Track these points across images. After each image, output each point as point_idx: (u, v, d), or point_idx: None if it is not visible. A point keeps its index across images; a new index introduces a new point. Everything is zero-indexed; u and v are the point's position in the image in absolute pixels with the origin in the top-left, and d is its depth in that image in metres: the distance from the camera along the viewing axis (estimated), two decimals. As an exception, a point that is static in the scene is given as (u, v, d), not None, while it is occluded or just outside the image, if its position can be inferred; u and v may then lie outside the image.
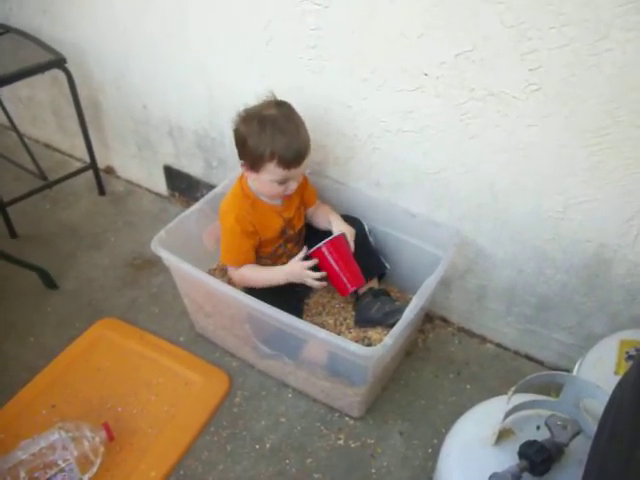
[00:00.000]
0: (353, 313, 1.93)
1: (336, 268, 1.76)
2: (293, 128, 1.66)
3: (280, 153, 1.62)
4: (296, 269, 1.74)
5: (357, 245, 1.83)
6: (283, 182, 1.70)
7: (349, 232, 1.82)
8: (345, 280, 1.77)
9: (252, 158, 1.67)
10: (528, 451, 1.13)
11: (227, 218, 1.77)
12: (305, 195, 1.91)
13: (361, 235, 1.88)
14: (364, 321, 1.86)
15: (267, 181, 1.69)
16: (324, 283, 1.76)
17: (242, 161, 1.72)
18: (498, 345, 1.99)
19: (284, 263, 1.81)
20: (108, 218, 2.50)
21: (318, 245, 1.75)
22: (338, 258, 1.76)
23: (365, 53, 1.64)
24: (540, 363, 1.92)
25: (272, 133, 1.62)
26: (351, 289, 1.79)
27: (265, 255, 1.87)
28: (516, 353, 1.96)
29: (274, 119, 1.64)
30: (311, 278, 1.73)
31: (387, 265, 1.93)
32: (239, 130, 1.69)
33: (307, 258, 1.79)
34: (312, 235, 1.93)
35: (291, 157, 1.64)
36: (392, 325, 1.55)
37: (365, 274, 1.85)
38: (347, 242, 1.80)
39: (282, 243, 1.87)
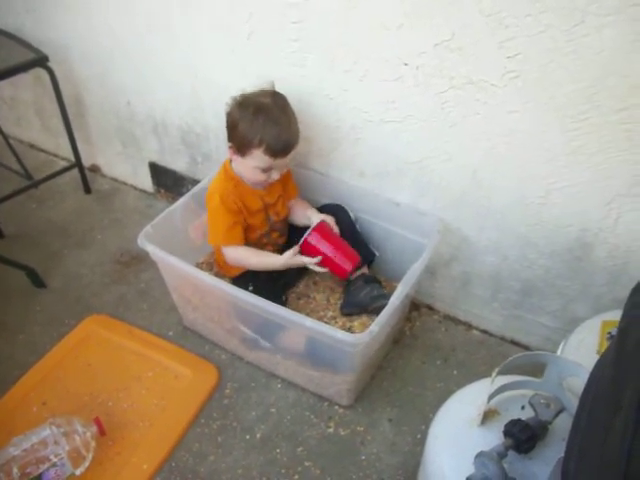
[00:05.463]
0: (339, 303, 1.96)
1: (329, 253, 1.77)
2: (285, 120, 1.69)
3: (269, 142, 1.65)
4: (297, 260, 1.77)
5: (344, 233, 1.86)
6: (266, 170, 1.73)
7: (328, 219, 1.85)
8: (341, 262, 1.78)
9: (240, 142, 1.69)
10: (513, 430, 1.14)
11: (211, 199, 1.81)
12: (287, 187, 1.93)
13: (347, 222, 1.91)
14: (352, 305, 1.89)
15: (251, 167, 1.73)
16: (323, 269, 1.78)
17: (230, 144, 1.75)
18: (484, 331, 2.01)
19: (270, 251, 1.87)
20: (94, 216, 2.50)
21: (303, 237, 1.77)
22: (328, 243, 1.77)
23: (346, 45, 1.66)
24: (525, 347, 1.95)
25: (264, 121, 1.65)
26: (350, 268, 1.79)
27: (250, 243, 1.88)
28: (502, 339, 1.99)
29: (268, 108, 1.67)
30: (310, 264, 1.77)
31: (376, 252, 1.95)
32: (232, 113, 1.72)
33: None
34: (292, 232, 1.97)
35: (279, 147, 1.67)
36: (377, 310, 1.57)
37: None
38: (331, 227, 1.83)
39: (267, 231, 1.90)
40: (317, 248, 1.77)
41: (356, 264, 1.81)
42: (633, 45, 1.28)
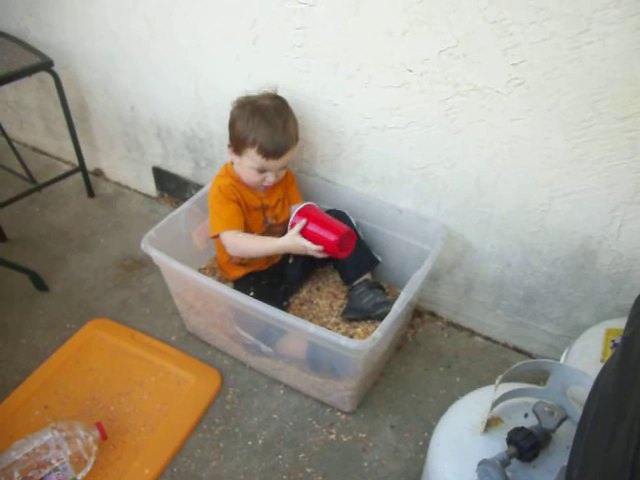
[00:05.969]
0: (342, 309, 1.95)
1: (314, 229, 1.73)
2: (280, 122, 1.71)
3: (261, 142, 1.68)
4: (297, 241, 1.72)
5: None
6: (261, 171, 1.75)
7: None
8: (326, 235, 1.71)
9: (237, 141, 1.74)
10: (516, 438, 1.14)
11: (211, 192, 1.84)
12: (289, 192, 1.94)
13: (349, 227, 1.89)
14: (354, 311, 1.89)
15: (247, 167, 1.75)
16: (320, 248, 1.71)
17: (229, 143, 1.78)
18: (487, 338, 2.01)
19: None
20: (97, 220, 2.50)
21: (290, 221, 1.77)
22: (313, 221, 1.74)
23: (350, 51, 1.66)
24: (528, 355, 1.94)
25: (259, 122, 1.68)
26: (335, 240, 1.69)
27: None
28: (505, 345, 1.98)
29: (265, 109, 1.71)
30: (311, 249, 1.71)
31: (379, 258, 1.95)
32: (232, 112, 1.76)
33: None
34: None
35: (271, 148, 1.69)
36: (380, 317, 1.57)
37: (359, 269, 1.88)
38: (317, 207, 1.81)
39: (264, 234, 1.90)
40: (305, 228, 1.73)
41: (343, 235, 1.71)
42: (636, 53, 1.28)
